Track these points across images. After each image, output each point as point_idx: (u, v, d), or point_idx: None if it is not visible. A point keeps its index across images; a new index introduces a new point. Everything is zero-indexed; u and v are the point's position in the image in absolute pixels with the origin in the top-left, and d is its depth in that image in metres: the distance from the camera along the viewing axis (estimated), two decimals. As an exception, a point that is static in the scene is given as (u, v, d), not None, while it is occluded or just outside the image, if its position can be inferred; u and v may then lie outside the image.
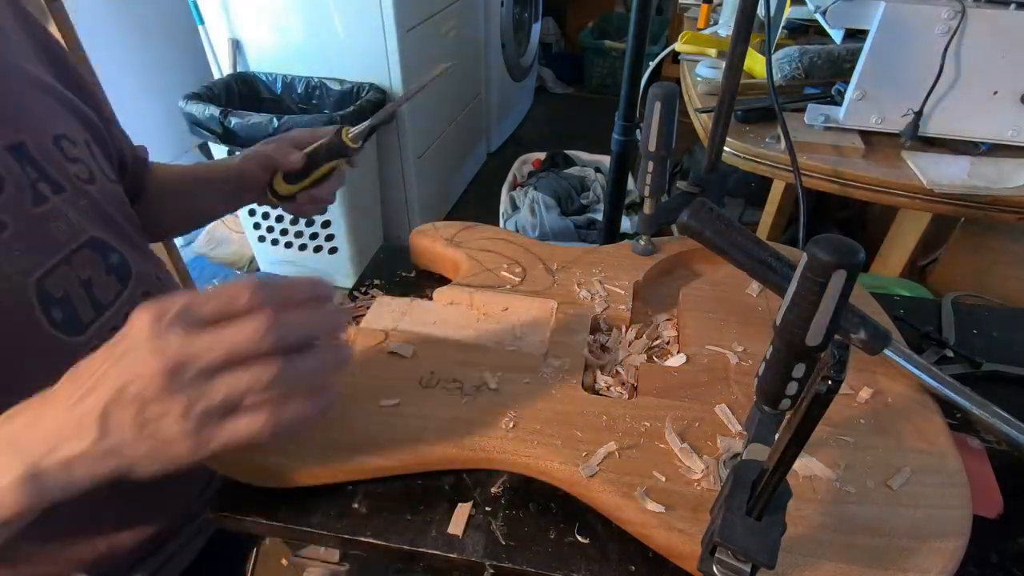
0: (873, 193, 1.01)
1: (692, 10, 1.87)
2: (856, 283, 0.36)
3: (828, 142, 1.07)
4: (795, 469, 0.46)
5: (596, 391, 0.55)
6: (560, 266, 0.68)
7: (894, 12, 0.97)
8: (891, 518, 0.44)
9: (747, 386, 0.54)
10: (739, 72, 0.74)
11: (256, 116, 1.60)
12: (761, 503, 0.35)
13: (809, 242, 0.35)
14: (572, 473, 0.46)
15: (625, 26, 1.42)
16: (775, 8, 1.27)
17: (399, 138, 1.99)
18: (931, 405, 0.53)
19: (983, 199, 0.96)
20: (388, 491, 0.48)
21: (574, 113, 3.40)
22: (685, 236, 0.58)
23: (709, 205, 0.56)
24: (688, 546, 0.42)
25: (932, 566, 0.41)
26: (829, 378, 0.29)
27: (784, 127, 0.80)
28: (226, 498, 0.48)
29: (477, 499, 0.48)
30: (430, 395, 0.52)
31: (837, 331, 0.37)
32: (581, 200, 2.11)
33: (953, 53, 0.97)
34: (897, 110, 1.05)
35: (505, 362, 0.56)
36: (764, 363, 0.41)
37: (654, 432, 0.49)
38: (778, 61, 1.24)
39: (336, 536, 0.45)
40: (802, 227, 0.75)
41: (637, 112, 1.05)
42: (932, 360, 0.63)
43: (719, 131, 0.78)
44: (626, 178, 1.13)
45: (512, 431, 0.49)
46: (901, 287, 1.22)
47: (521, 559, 0.44)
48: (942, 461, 0.48)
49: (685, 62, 1.48)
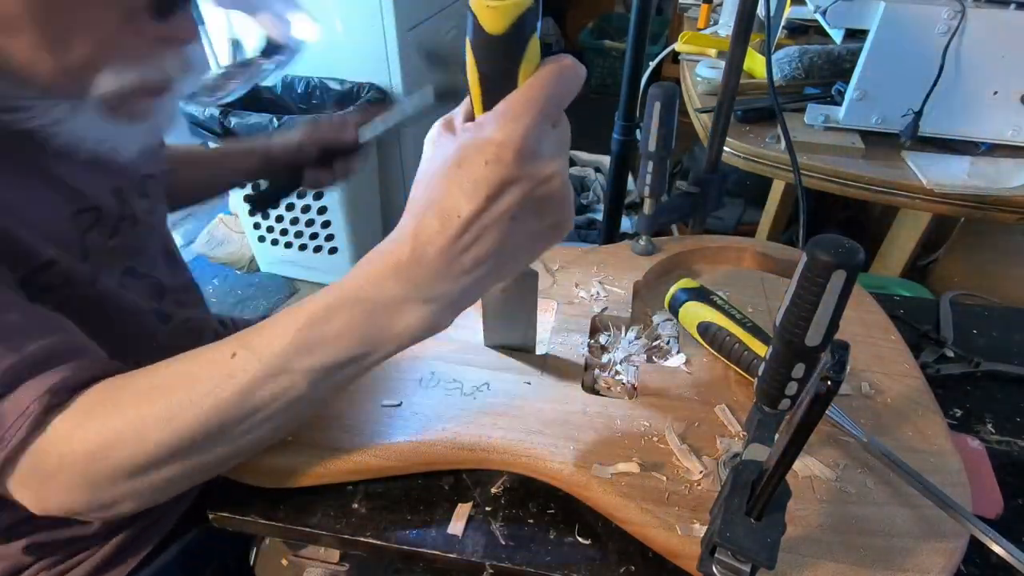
0: (873, 193, 1.01)
1: (692, 10, 1.87)
2: (856, 283, 0.36)
3: (828, 142, 1.07)
4: (795, 469, 0.46)
5: (596, 391, 0.55)
6: (560, 266, 0.68)
7: (894, 12, 0.97)
8: (891, 518, 0.44)
9: (747, 386, 0.54)
10: (739, 72, 0.74)
11: (256, 116, 1.60)
12: (761, 503, 0.35)
13: (809, 242, 0.35)
14: (572, 473, 0.46)
15: (625, 26, 1.42)
16: (775, 8, 1.27)
17: (399, 138, 1.99)
18: (931, 405, 0.53)
19: (983, 199, 0.96)
20: (388, 491, 0.48)
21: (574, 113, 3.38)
22: (685, 235, 0.58)
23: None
24: (688, 546, 0.42)
25: (932, 566, 0.41)
26: (829, 378, 0.29)
27: (784, 127, 0.80)
28: (226, 498, 0.48)
29: (477, 499, 0.48)
30: (430, 395, 0.52)
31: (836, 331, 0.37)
32: (581, 200, 2.11)
33: (953, 53, 0.97)
34: (897, 110, 1.05)
35: (505, 362, 0.56)
36: (764, 363, 0.41)
37: (654, 432, 0.49)
38: (778, 61, 1.24)
39: (336, 536, 0.45)
40: (802, 227, 0.75)
41: (637, 112, 1.05)
42: (931, 359, 0.64)
43: (719, 131, 0.78)
44: (626, 178, 1.12)
45: (512, 431, 0.49)
46: (901, 287, 1.22)
47: (521, 559, 0.44)
48: (942, 461, 0.48)
49: (685, 62, 1.48)
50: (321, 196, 1.83)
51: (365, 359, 0.40)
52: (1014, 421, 0.58)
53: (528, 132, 0.34)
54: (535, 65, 0.36)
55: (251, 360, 0.38)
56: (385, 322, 0.38)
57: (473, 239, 0.36)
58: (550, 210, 0.37)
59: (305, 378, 0.39)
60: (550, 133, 0.35)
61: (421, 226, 0.36)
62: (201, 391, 0.38)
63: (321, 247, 1.98)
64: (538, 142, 0.34)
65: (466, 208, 0.35)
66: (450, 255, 0.36)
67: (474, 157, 0.35)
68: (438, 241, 0.36)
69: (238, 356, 0.39)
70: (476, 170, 0.34)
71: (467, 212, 0.35)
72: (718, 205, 0.81)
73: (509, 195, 0.35)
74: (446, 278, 0.37)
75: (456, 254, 0.36)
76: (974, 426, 0.58)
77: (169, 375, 0.40)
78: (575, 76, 0.36)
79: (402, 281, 0.37)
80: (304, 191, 1.29)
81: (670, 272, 0.70)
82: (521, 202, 0.35)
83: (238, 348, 0.39)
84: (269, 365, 0.38)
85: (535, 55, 0.36)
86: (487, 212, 0.35)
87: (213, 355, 0.40)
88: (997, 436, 0.56)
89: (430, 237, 0.36)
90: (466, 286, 0.38)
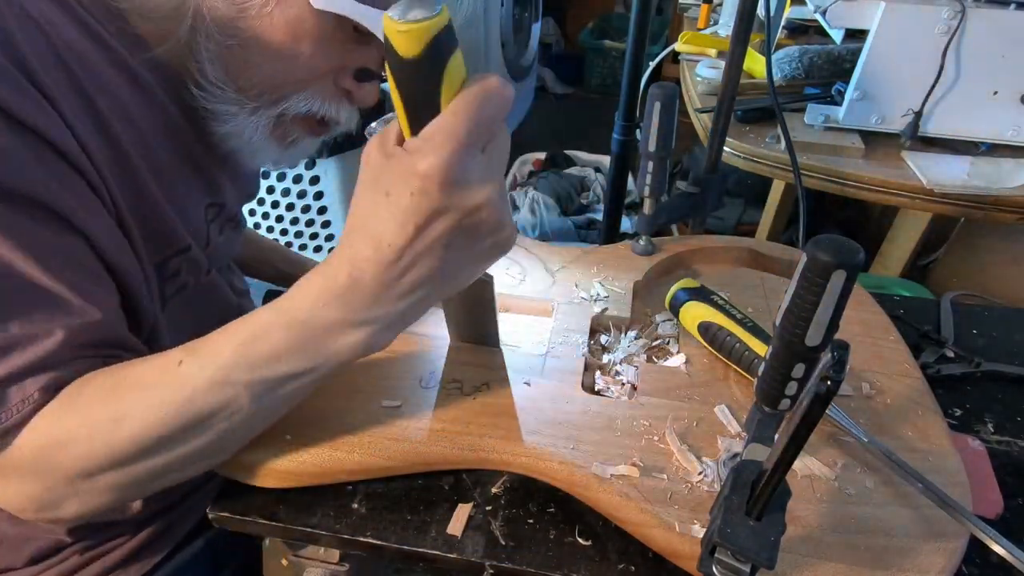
0: (873, 193, 1.01)
1: (692, 10, 1.87)
2: (856, 283, 0.36)
3: (828, 142, 1.07)
4: (795, 469, 0.46)
5: (596, 391, 0.55)
6: (560, 266, 0.68)
7: (894, 12, 0.97)
8: (891, 518, 0.44)
9: (747, 386, 0.54)
10: (739, 72, 0.74)
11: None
12: (761, 503, 0.35)
13: (809, 242, 0.35)
14: (572, 473, 0.46)
15: (625, 26, 1.42)
16: (775, 8, 1.28)
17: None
18: (931, 405, 0.53)
19: (983, 199, 0.96)
20: (388, 491, 0.48)
21: (574, 113, 3.39)
22: (685, 235, 0.58)
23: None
24: (688, 546, 0.42)
25: (932, 566, 0.41)
26: (828, 378, 0.29)
27: (784, 127, 0.80)
28: (226, 498, 0.48)
29: (477, 499, 0.48)
30: (430, 395, 0.52)
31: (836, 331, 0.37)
32: (581, 200, 2.11)
33: (953, 53, 0.97)
34: (897, 110, 1.05)
35: (505, 362, 0.56)
36: (764, 363, 0.41)
37: (654, 432, 0.49)
38: (778, 61, 1.24)
39: (336, 536, 0.45)
40: (802, 227, 0.75)
41: (637, 112, 1.05)
42: (931, 359, 0.64)
43: (719, 131, 0.78)
44: (626, 178, 1.13)
45: (512, 431, 0.49)
46: (901, 287, 1.22)
47: (521, 559, 0.44)
48: (942, 461, 0.48)
49: (685, 62, 1.48)
50: (321, 196, 1.83)
51: (306, 376, 0.40)
52: (1014, 421, 0.58)
53: (451, 162, 0.33)
54: (459, 84, 0.35)
55: (195, 369, 0.39)
56: (323, 343, 0.39)
57: (408, 265, 0.36)
58: (484, 234, 0.37)
59: (247, 390, 0.39)
60: (477, 158, 0.35)
61: (355, 251, 0.37)
62: (149, 396, 0.39)
63: (321, 247, 1.98)
64: (463, 171, 0.34)
65: (396, 238, 0.35)
66: (385, 280, 0.36)
67: (401, 187, 0.34)
68: (371, 268, 0.36)
69: (184, 364, 0.40)
70: (403, 200, 0.34)
71: (398, 242, 0.35)
72: (718, 205, 0.81)
73: (439, 224, 0.35)
74: (382, 302, 0.37)
75: (392, 280, 0.36)
76: (974, 426, 0.58)
77: (125, 377, 0.41)
78: (500, 97, 0.35)
79: (339, 305, 0.37)
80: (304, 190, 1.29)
81: (670, 272, 0.70)
82: (452, 231, 0.35)
83: (185, 356, 0.40)
84: (212, 377, 0.39)
85: (458, 76, 0.35)
86: (418, 240, 0.35)
87: (164, 361, 0.41)
88: (997, 436, 0.57)
89: (364, 263, 0.36)
90: (403, 308, 0.38)
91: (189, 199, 0.55)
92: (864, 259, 0.34)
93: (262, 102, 0.52)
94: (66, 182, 0.42)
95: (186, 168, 0.55)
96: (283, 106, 0.52)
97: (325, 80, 0.52)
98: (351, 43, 0.51)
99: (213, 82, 0.50)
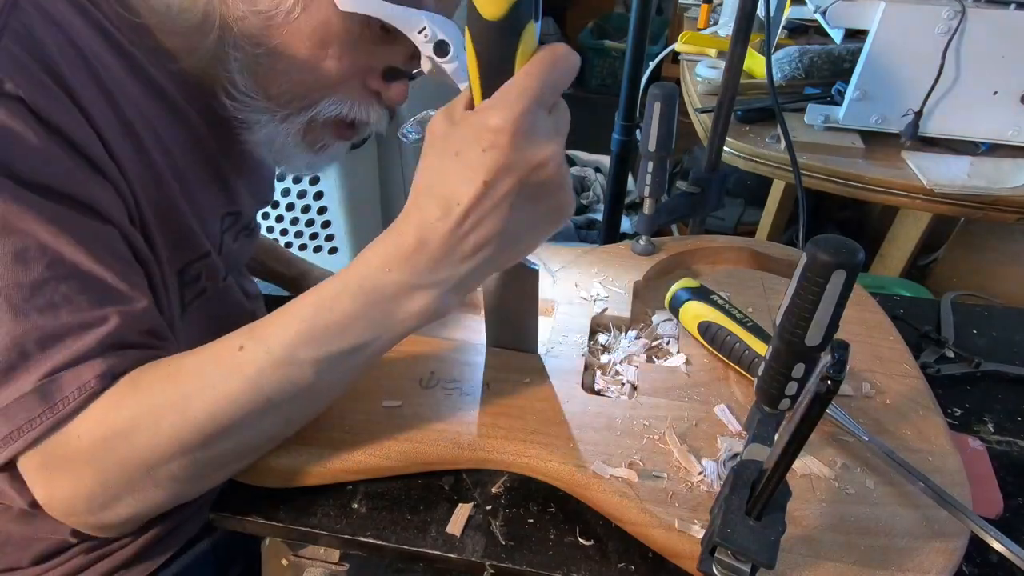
0: (873, 193, 1.01)
1: (692, 10, 1.87)
2: (856, 283, 0.36)
3: (828, 142, 1.07)
4: (795, 468, 0.46)
5: (596, 391, 0.55)
6: (560, 266, 0.68)
7: (894, 12, 0.97)
8: (891, 518, 0.44)
9: (747, 386, 0.54)
10: (739, 72, 0.74)
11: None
12: (761, 503, 0.35)
13: (809, 242, 0.35)
14: (572, 473, 0.46)
15: (625, 26, 1.42)
16: (775, 8, 1.27)
17: (399, 138, 1.99)
18: (931, 405, 0.53)
19: (983, 199, 0.96)
20: (388, 491, 0.48)
21: (574, 113, 3.33)
22: (685, 236, 0.58)
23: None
24: (688, 546, 0.42)
25: (932, 566, 0.41)
26: (829, 378, 0.29)
27: (784, 127, 0.80)
28: (226, 498, 0.48)
29: (477, 499, 0.48)
30: (430, 395, 0.52)
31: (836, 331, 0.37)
32: (581, 200, 2.11)
33: (953, 53, 0.97)
34: (897, 110, 1.05)
35: (505, 362, 0.56)
36: (764, 363, 0.41)
37: (654, 432, 0.49)
38: (778, 61, 1.24)
39: (336, 536, 0.45)
40: (802, 227, 0.75)
41: (637, 112, 1.05)
42: (931, 359, 0.64)
43: (719, 131, 0.78)
44: (626, 178, 1.13)
45: (512, 431, 0.49)
46: (901, 287, 1.23)
47: (521, 559, 0.44)
48: (942, 461, 0.48)
49: (685, 62, 1.48)
50: (321, 196, 1.83)
51: (371, 346, 0.41)
52: (1014, 421, 0.58)
53: (523, 118, 0.35)
54: (532, 52, 0.36)
55: (258, 352, 0.39)
56: (390, 309, 0.39)
57: (474, 225, 0.37)
58: (547, 194, 0.38)
59: (312, 367, 0.39)
60: (545, 119, 0.36)
61: (423, 214, 0.37)
62: (214, 382, 0.39)
63: (321, 247, 1.98)
64: (533, 127, 0.35)
65: (466, 195, 0.36)
66: (452, 241, 0.37)
67: (472, 145, 0.35)
68: (440, 228, 0.37)
69: (246, 348, 0.40)
70: (474, 157, 0.35)
71: (467, 199, 0.36)
72: (718, 205, 0.81)
73: (506, 181, 0.36)
74: (449, 264, 0.38)
75: (458, 240, 0.37)
76: (974, 426, 0.58)
77: (183, 365, 0.41)
78: (569, 63, 0.37)
79: (406, 269, 0.38)
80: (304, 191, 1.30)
81: (670, 272, 0.70)
82: (518, 187, 0.36)
83: (246, 340, 0.40)
84: (276, 356, 0.39)
85: (532, 42, 0.36)
86: (486, 198, 0.36)
87: (221, 347, 0.40)
88: (997, 436, 0.57)
89: (432, 225, 0.37)
90: (469, 271, 0.38)
91: (208, 208, 0.56)
92: (864, 259, 0.34)
93: (292, 109, 0.52)
94: (95, 180, 0.42)
95: (206, 177, 0.55)
96: (313, 111, 0.52)
97: (354, 82, 0.52)
98: (378, 43, 0.51)
99: (243, 91, 0.50)
